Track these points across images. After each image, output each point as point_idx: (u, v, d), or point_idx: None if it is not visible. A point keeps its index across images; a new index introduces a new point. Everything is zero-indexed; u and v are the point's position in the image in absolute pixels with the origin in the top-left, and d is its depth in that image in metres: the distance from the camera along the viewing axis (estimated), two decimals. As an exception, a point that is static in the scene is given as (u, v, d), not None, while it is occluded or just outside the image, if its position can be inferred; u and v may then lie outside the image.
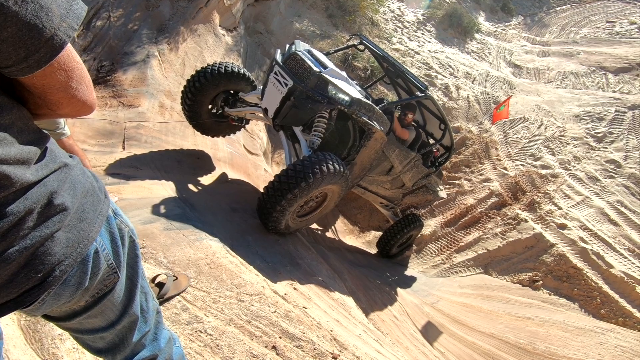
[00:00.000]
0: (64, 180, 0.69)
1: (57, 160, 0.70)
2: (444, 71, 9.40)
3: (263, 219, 3.11)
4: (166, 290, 1.86)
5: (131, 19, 5.15)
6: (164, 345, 1.13)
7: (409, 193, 5.15)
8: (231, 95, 4.00)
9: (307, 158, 2.96)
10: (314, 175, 2.85)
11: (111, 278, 0.83)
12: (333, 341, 2.09)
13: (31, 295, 0.66)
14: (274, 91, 3.35)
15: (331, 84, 3.20)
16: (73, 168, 0.73)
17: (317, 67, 3.27)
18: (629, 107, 8.78)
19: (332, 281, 3.29)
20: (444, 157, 5.24)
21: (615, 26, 14.43)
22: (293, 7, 8.39)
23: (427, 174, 4.91)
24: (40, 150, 0.66)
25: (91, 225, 0.74)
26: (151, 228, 2.41)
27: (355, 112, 3.29)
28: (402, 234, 5.37)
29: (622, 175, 7.13)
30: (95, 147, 3.55)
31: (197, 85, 3.67)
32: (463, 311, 4.80)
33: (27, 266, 0.64)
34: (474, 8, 14.39)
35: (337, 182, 3.14)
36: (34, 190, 0.63)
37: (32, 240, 0.63)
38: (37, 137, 0.66)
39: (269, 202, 2.94)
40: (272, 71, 3.41)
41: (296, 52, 3.38)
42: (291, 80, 3.20)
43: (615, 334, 4.38)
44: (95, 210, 0.76)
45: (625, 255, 5.59)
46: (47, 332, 1.54)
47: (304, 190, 2.89)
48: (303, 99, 3.20)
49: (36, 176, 0.63)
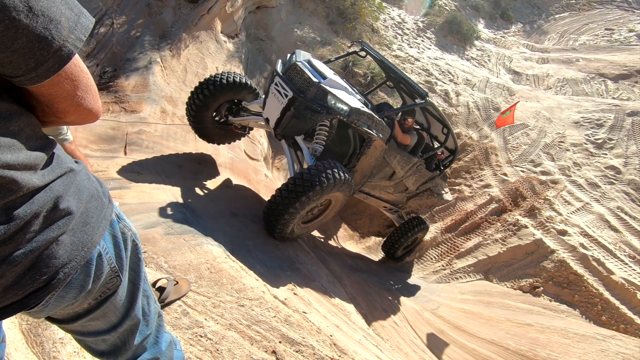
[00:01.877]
0: (70, 185, 0.71)
1: (63, 165, 0.72)
2: (444, 78, 9.46)
3: (270, 226, 3.15)
4: (167, 295, 1.86)
5: (134, 25, 5.21)
6: (165, 348, 1.14)
7: (413, 196, 5.20)
8: (234, 104, 4.08)
9: (314, 167, 3.03)
10: (321, 183, 2.92)
11: (114, 281, 0.85)
12: (333, 346, 2.10)
13: (36, 297, 0.68)
14: (275, 102, 3.41)
15: (330, 94, 3.25)
16: (79, 173, 0.75)
17: (317, 77, 3.32)
18: (628, 113, 8.82)
19: (332, 286, 3.29)
20: (449, 159, 5.28)
21: (614, 33, 14.54)
22: (294, 14, 8.48)
23: (431, 178, 4.94)
24: (47, 156, 0.68)
25: (95, 229, 0.75)
26: (152, 233, 2.42)
27: (354, 121, 3.34)
28: (407, 236, 5.46)
29: (622, 181, 7.14)
30: (97, 152, 3.58)
31: (203, 95, 3.75)
32: (463, 317, 4.78)
33: (32, 269, 0.65)
34: (473, 15, 14.51)
35: (341, 190, 3.21)
36: (40, 195, 0.65)
37: (37, 244, 0.65)
38: (45, 143, 0.68)
39: (277, 209, 3.00)
40: (273, 82, 3.47)
41: (296, 63, 3.44)
42: (291, 91, 3.26)
43: (616, 340, 4.35)
44: (99, 214, 0.77)
45: (625, 261, 5.58)
46: (49, 336, 1.55)
47: (312, 198, 2.96)
48: (303, 110, 3.26)
49: (43, 181, 0.65)
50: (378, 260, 6.20)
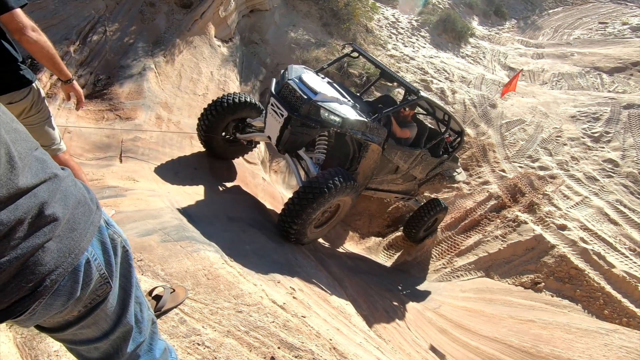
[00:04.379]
0: (55, 191, 0.70)
1: (48, 170, 0.71)
2: (440, 76, 9.46)
3: (285, 232, 3.44)
4: (163, 303, 1.85)
5: (127, 32, 5.20)
6: (159, 356, 1.12)
7: (424, 182, 5.33)
8: (240, 121, 4.31)
9: (321, 175, 3.31)
10: (329, 190, 3.20)
11: (103, 288, 0.84)
12: (332, 350, 2.08)
13: (22, 305, 0.67)
14: (273, 121, 3.63)
15: (322, 109, 3.42)
16: (64, 179, 0.74)
17: (308, 94, 3.49)
18: (624, 106, 8.82)
19: (332, 289, 3.27)
20: (457, 142, 5.33)
21: (608, 27, 14.57)
22: (288, 16, 8.48)
23: (440, 163, 5.05)
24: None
25: (82, 235, 0.75)
26: (148, 240, 2.40)
27: (347, 131, 3.52)
28: (428, 216, 5.69)
29: (620, 174, 7.13)
30: (93, 161, 3.56)
31: (212, 116, 4.01)
32: (466, 315, 4.77)
33: (17, 276, 0.64)
34: (467, 13, 14.54)
35: (347, 194, 3.46)
36: (23, 201, 0.63)
37: (22, 251, 0.63)
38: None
39: (290, 216, 3.31)
40: (269, 102, 3.67)
41: (287, 82, 3.62)
42: (286, 111, 3.45)
43: (619, 334, 4.34)
44: (86, 220, 0.77)
45: (626, 254, 5.57)
46: (43, 349, 1.53)
47: (321, 205, 3.26)
48: (299, 127, 3.48)
49: (26, 184, 0.64)
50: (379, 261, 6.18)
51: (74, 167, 2.28)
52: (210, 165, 4.38)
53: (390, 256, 6.40)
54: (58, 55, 1.96)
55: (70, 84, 2.12)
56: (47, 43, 1.85)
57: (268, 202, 4.71)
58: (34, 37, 1.78)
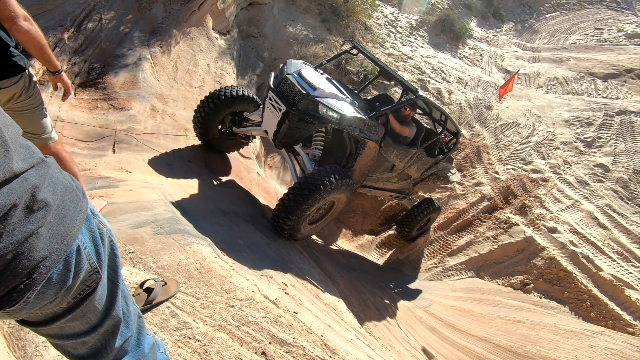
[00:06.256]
0: (44, 176, 0.69)
1: (35, 156, 0.70)
2: (437, 76, 9.48)
3: (279, 228, 3.45)
4: (155, 296, 1.83)
5: (123, 21, 5.12)
6: (148, 350, 1.11)
7: (419, 182, 5.38)
8: (237, 115, 4.26)
9: (317, 172, 3.31)
10: (325, 187, 3.20)
11: (93, 278, 0.82)
12: (324, 346, 2.08)
13: (17, 293, 0.65)
14: (271, 115, 3.60)
15: (321, 104, 3.40)
16: (50, 165, 0.73)
17: (307, 89, 3.46)
18: (617, 112, 8.93)
19: (324, 285, 3.28)
20: (452, 142, 5.36)
21: (604, 33, 14.71)
22: (287, 11, 8.42)
23: (435, 163, 5.08)
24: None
25: (72, 222, 0.74)
26: (140, 232, 2.38)
27: (345, 127, 3.50)
28: (421, 216, 5.72)
29: (611, 179, 7.23)
30: (85, 151, 3.51)
31: (209, 109, 3.96)
32: (455, 315, 4.81)
33: (12, 262, 0.63)
34: (465, 14, 14.56)
35: (342, 191, 3.46)
36: (16, 185, 0.62)
37: (17, 237, 0.62)
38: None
39: (284, 213, 3.31)
40: (267, 96, 3.63)
41: (286, 77, 3.59)
42: (284, 105, 3.43)
43: (604, 336, 4.42)
44: (75, 207, 0.76)
45: (614, 258, 5.66)
46: (31, 340, 1.51)
47: (315, 202, 3.25)
48: (297, 121, 3.47)
49: (19, 168, 0.63)
50: (371, 258, 6.21)
51: (65, 158, 2.24)
52: (205, 158, 4.34)
53: (382, 254, 6.43)
54: (48, 46, 1.92)
55: (59, 75, 2.08)
56: (38, 33, 1.81)
57: (262, 197, 4.69)
58: (25, 27, 1.74)
